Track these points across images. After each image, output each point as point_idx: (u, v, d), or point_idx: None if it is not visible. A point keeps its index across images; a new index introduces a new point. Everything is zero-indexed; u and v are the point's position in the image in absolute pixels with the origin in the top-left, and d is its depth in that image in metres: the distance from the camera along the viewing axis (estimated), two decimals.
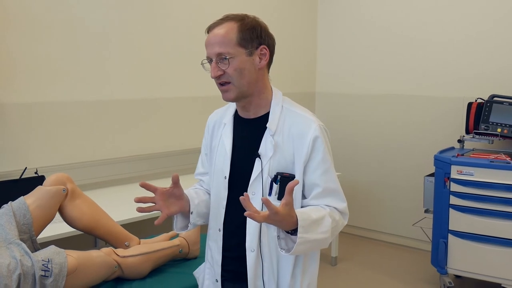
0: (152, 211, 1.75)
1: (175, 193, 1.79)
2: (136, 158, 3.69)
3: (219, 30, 1.73)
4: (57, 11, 3.25)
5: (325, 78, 5.35)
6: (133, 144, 3.70)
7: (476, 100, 4.02)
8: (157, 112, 3.87)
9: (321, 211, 1.71)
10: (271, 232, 1.78)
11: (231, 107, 1.93)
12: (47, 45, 3.21)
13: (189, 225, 1.88)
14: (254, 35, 1.75)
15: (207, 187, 2.04)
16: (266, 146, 1.78)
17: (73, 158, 3.37)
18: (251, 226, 1.79)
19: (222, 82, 1.75)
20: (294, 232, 1.61)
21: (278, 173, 1.77)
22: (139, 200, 1.74)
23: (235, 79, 1.73)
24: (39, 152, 3.21)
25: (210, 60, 1.76)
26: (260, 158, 1.78)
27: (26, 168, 2.95)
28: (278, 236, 1.65)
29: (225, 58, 1.71)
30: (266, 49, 1.78)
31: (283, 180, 1.76)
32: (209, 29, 1.77)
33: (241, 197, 1.49)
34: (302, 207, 1.79)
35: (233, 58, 1.71)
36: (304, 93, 5.22)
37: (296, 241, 1.58)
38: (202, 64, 1.80)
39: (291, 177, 1.76)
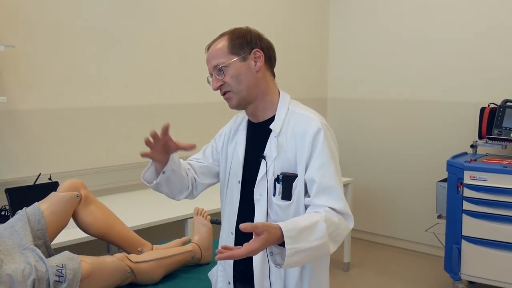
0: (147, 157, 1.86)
1: (171, 145, 1.84)
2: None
3: (212, 47, 1.83)
4: (74, 19, 3.28)
5: (337, 84, 5.35)
6: (146, 149, 3.71)
7: (489, 105, 4.01)
8: (171, 117, 3.88)
9: (314, 216, 1.65)
10: None
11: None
12: (61, 52, 3.25)
13: (154, 182, 1.90)
14: (244, 42, 1.81)
15: (201, 171, 2.05)
16: (270, 147, 1.82)
17: (86, 164, 3.39)
18: None
19: (223, 92, 1.82)
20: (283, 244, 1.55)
21: (281, 173, 1.80)
22: (149, 139, 1.85)
23: (233, 86, 1.80)
24: (53, 158, 3.24)
25: (211, 76, 1.84)
26: (265, 160, 1.82)
27: (40, 174, 2.97)
28: (271, 252, 1.59)
29: (220, 69, 1.79)
30: (260, 52, 1.82)
31: (285, 179, 1.79)
32: (208, 49, 1.87)
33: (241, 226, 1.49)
34: (306, 206, 1.79)
35: (227, 66, 1.79)
36: (316, 98, 5.22)
37: (286, 253, 1.53)
38: (208, 82, 1.88)
39: (293, 176, 1.78)
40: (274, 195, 1.80)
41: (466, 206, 3.65)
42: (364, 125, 5.12)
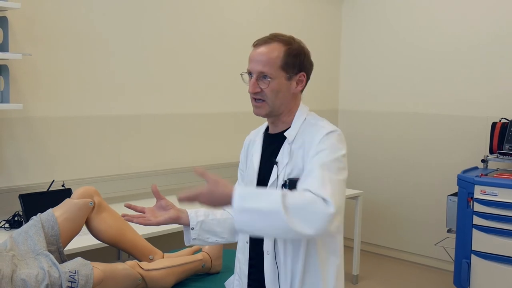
0: (139, 223, 1.84)
1: (162, 204, 1.89)
2: (162, 172, 3.74)
3: (266, 50, 1.81)
4: (89, 28, 3.33)
5: (348, 96, 5.36)
6: (159, 158, 3.75)
7: (500, 120, 4.01)
8: (183, 127, 3.91)
9: (275, 189, 1.71)
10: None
11: (264, 125, 2.02)
12: (75, 59, 3.29)
13: (192, 240, 1.93)
14: (297, 62, 1.84)
15: None
16: (283, 154, 1.85)
17: (98, 171, 3.43)
18: None
19: (257, 98, 1.83)
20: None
21: (288, 179, 1.81)
22: (128, 206, 1.86)
23: (270, 99, 1.81)
24: (66, 165, 3.28)
25: (250, 73, 1.84)
26: (277, 165, 1.84)
27: (53, 180, 3.01)
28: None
29: (266, 78, 1.79)
30: (304, 76, 1.88)
31: (291, 183, 1.80)
32: (256, 45, 1.85)
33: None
34: None
35: (273, 79, 1.79)
36: (327, 110, 5.23)
37: (233, 209, 1.56)
38: (241, 75, 1.88)
39: (298, 179, 1.79)
40: None
41: (476, 220, 3.64)
42: (374, 138, 5.13)
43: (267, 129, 1.99)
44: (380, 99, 5.08)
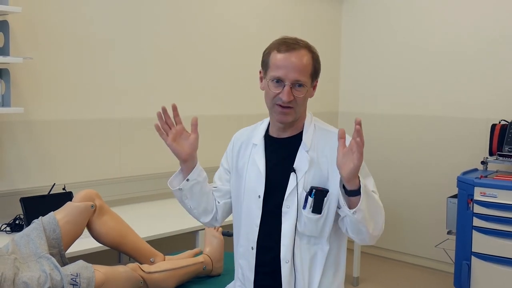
0: (160, 134, 1.93)
1: (190, 139, 1.92)
2: (163, 175, 3.73)
3: (298, 56, 1.80)
4: (90, 31, 3.34)
5: (348, 98, 5.37)
6: (159, 161, 3.75)
7: (499, 122, 4.02)
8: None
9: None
10: (303, 244, 1.84)
11: (260, 127, 2.00)
12: (76, 63, 3.30)
13: (178, 188, 1.96)
14: (319, 69, 1.89)
15: (218, 195, 2.08)
16: (301, 161, 1.85)
17: (100, 174, 3.43)
18: (286, 239, 1.84)
19: (287, 106, 1.81)
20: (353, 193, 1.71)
21: (312, 187, 1.82)
22: (161, 117, 1.94)
23: (299, 106, 1.83)
24: (67, 168, 3.28)
25: (278, 80, 1.80)
26: (295, 173, 1.84)
27: (54, 184, 3.01)
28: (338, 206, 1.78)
29: (301, 86, 1.80)
30: (317, 82, 1.90)
31: (317, 193, 1.82)
32: (286, 50, 1.81)
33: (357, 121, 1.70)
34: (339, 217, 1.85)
35: (305, 87, 1.81)
36: (327, 112, 5.23)
37: (361, 196, 1.70)
38: (268, 81, 1.83)
39: (325, 191, 1.83)
40: (304, 208, 1.83)
41: (476, 222, 3.65)
42: (374, 140, 5.12)
43: (267, 131, 1.97)
44: (380, 101, 5.09)
